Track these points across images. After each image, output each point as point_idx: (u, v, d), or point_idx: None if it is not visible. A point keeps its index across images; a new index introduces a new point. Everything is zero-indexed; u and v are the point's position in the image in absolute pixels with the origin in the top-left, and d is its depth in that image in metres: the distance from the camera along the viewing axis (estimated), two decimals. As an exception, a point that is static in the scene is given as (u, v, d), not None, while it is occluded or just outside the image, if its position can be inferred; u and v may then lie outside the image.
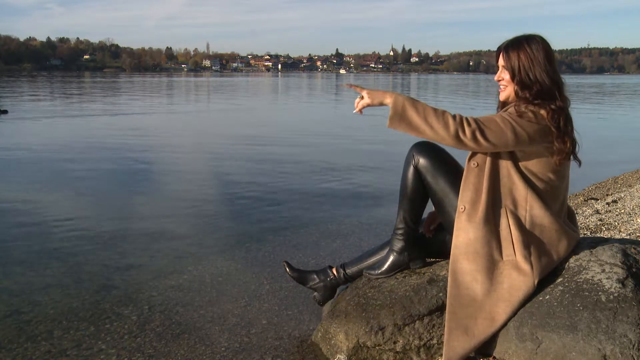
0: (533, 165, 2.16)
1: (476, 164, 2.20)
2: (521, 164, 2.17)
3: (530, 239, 2.15)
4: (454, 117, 2.08)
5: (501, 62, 2.24)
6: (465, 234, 2.18)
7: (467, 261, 2.17)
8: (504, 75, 2.24)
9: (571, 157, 2.19)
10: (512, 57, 2.19)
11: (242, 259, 4.10)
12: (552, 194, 2.20)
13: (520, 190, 2.16)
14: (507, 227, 2.15)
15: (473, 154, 2.21)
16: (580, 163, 2.24)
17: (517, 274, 2.12)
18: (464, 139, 2.06)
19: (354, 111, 2.22)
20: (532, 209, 2.15)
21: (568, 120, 2.16)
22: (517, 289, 2.12)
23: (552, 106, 2.12)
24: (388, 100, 2.12)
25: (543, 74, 2.15)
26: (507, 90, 2.24)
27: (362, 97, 2.17)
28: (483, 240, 2.15)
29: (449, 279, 2.20)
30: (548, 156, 2.15)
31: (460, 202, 2.22)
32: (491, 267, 2.14)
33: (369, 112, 2.27)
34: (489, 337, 2.13)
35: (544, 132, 2.11)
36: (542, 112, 2.11)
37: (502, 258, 2.15)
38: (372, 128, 13.46)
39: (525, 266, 2.12)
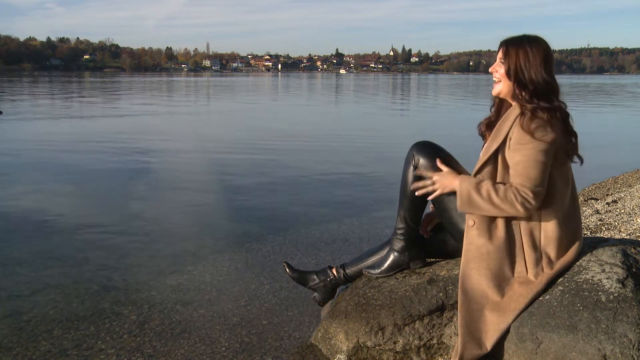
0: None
1: (483, 177, 2.18)
2: None
3: (542, 255, 2.15)
4: (514, 194, 2.06)
5: (500, 55, 2.24)
6: (477, 249, 2.18)
7: (479, 276, 2.16)
8: (499, 68, 2.23)
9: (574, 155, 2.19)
10: (511, 52, 2.19)
11: (242, 259, 4.10)
12: (563, 202, 2.18)
13: None
14: (521, 245, 2.14)
15: (480, 168, 2.19)
16: (582, 161, 2.22)
17: (526, 286, 2.14)
18: (531, 207, 2.08)
19: (417, 193, 2.34)
20: (546, 225, 2.14)
21: (568, 116, 2.17)
22: (525, 295, 2.12)
23: (553, 109, 2.10)
24: (456, 188, 2.18)
25: (538, 75, 2.14)
26: (500, 84, 2.23)
27: (431, 182, 2.27)
28: (495, 257, 2.15)
29: (459, 292, 2.19)
30: (562, 157, 2.14)
31: (470, 215, 2.21)
32: (502, 282, 2.15)
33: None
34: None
35: (557, 136, 2.10)
36: (545, 115, 2.08)
37: (513, 275, 2.15)
38: (372, 128, 13.46)
39: (535, 279, 2.14)
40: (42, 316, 3.07)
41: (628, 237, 3.86)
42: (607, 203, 5.27)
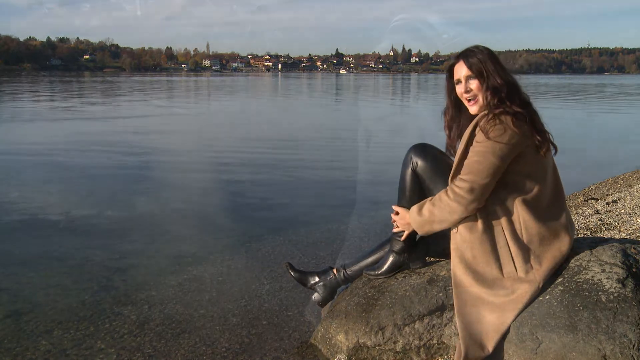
0: (518, 171, 2.14)
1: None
2: (507, 174, 2.14)
3: (529, 252, 2.14)
4: (448, 195, 2.15)
5: (463, 73, 2.20)
6: (463, 254, 2.19)
7: (469, 280, 2.16)
8: (470, 85, 2.19)
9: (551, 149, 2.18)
10: (474, 63, 2.17)
11: (242, 259, 4.10)
12: (541, 197, 2.18)
13: (510, 203, 2.15)
14: (506, 245, 2.14)
15: (454, 174, 2.20)
16: (556, 149, 2.22)
17: (520, 284, 2.13)
18: (466, 201, 2.11)
19: (394, 230, 2.51)
20: (525, 221, 2.14)
21: (535, 113, 2.17)
22: (523, 295, 2.12)
23: (516, 108, 2.10)
24: (410, 222, 2.35)
25: (505, 76, 2.16)
26: (478, 101, 2.19)
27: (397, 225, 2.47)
28: (482, 260, 2.15)
29: (454, 297, 2.19)
30: (532, 154, 2.13)
31: None
32: (493, 283, 2.14)
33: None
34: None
35: (519, 137, 2.09)
36: (508, 118, 2.08)
37: (503, 275, 2.14)
38: (373, 128, 13.45)
39: (528, 277, 2.13)
40: (42, 316, 3.07)
41: (628, 237, 3.86)
42: (607, 203, 5.26)
